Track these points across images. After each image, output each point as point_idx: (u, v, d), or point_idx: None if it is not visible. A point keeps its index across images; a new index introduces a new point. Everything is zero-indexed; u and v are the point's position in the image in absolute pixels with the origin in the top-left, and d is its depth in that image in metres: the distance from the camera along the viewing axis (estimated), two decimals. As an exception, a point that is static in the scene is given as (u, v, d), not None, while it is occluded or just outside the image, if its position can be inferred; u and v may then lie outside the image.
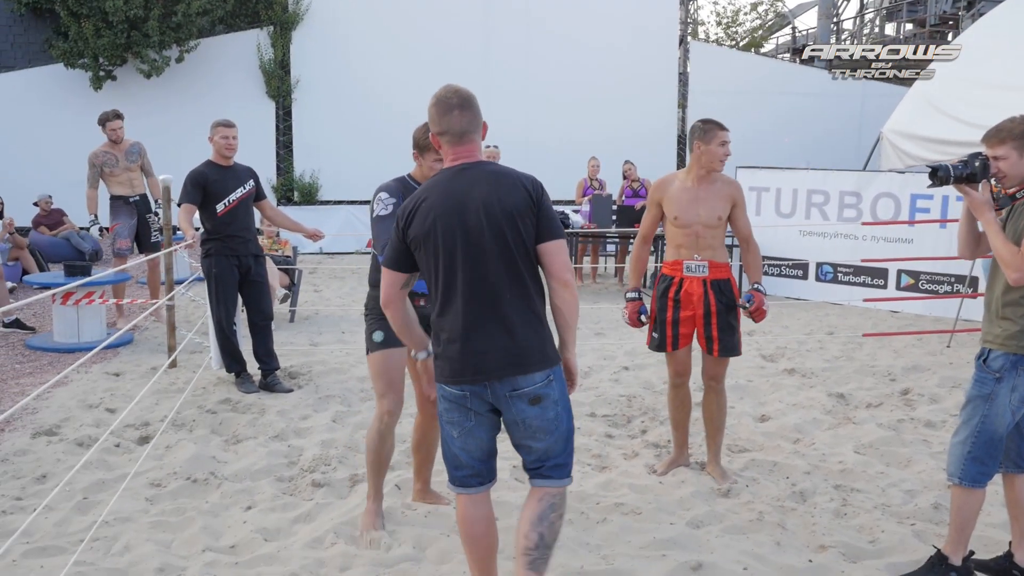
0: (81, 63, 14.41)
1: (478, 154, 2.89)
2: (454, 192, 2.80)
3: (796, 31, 28.17)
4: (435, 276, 2.84)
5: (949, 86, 11.01)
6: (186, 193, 5.90)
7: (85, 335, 7.34)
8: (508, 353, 2.79)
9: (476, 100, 2.91)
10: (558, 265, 2.85)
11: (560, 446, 2.90)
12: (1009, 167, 3.27)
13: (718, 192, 4.37)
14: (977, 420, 3.27)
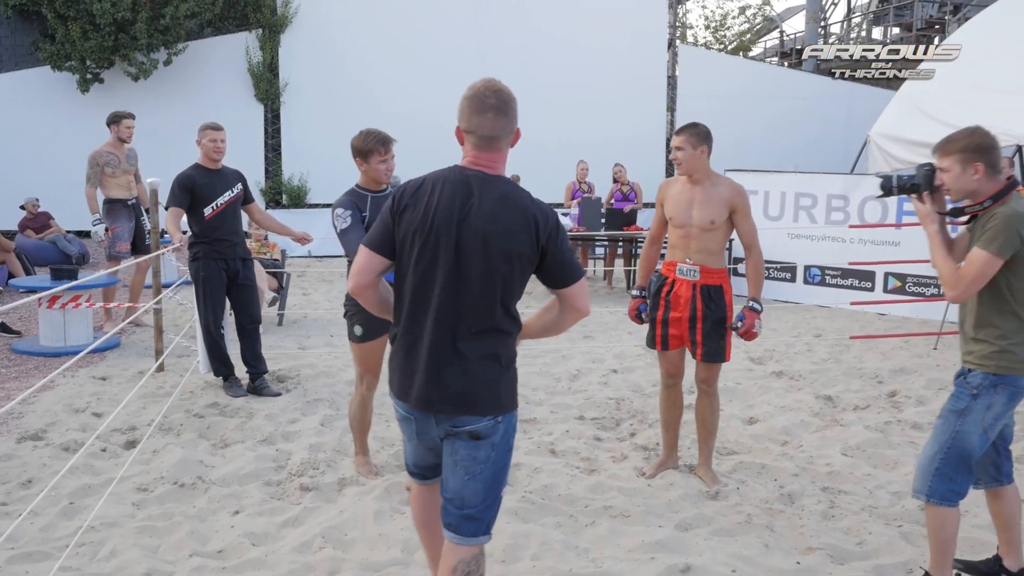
0: (68, 66, 14.34)
1: (500, 165, 2.64)
2: (460, 200, 2.54)
3: (784, 35, 28.31)
4: (408, 277, 2.60)
5: (936, 89, 11.09)
6: (173, 196, 5.88)
7: (71, 339, 7.30)
8: (459, 389, 2.56)
9: (516, 104, 2.66)
10: (582, 304, 2.68)
11: (479, 496, 2.62)
12: (952, 180, 3.19)
13: (715, 196, 4.34)
14: (948, 436, 3.20)
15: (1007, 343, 3.13)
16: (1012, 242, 3.03)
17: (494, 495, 2.67)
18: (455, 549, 2.66)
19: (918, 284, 9.54)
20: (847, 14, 27.23)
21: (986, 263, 3.05)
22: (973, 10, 19.04)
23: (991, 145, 3.16)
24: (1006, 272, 3.09)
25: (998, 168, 3.14)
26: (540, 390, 6.33)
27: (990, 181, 3.14)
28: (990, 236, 3.05)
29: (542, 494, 4.33)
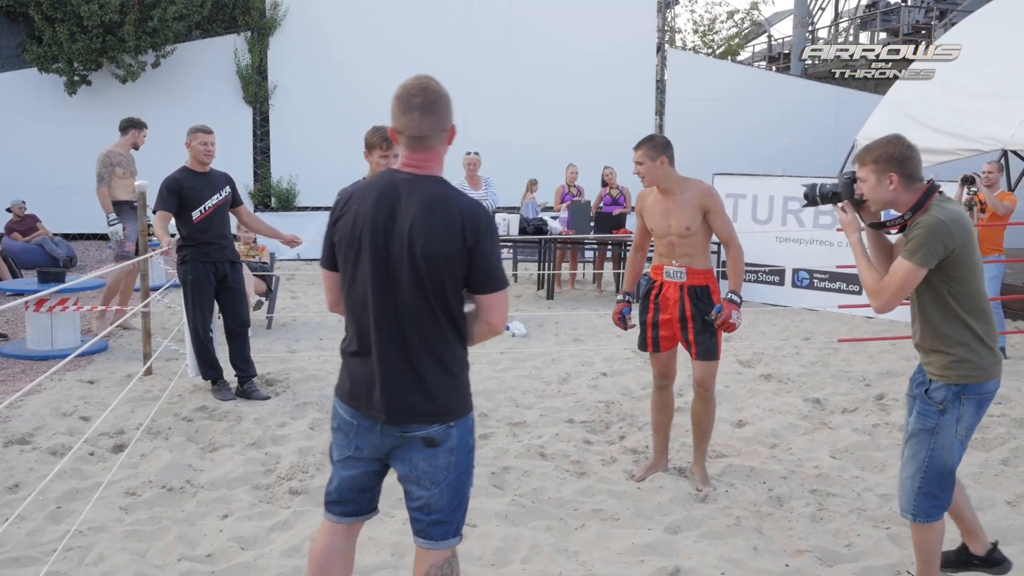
0: (55, 68, 14.26)
1: (433, 164, 2.56)
2: (386, 206, 2.49)
3: (772, 39, 28.43)
4: (349, 285, 2.58)
5: (922, 93, 11.18)
6: (161, 200, 5.85)
7: (59, 342, 7.26)
8: (405, 398, 2.51)
9: (446, 101, 2.57)
10: (495, 318, 2.56)
11: (445, 500, 2.59)
12: (869, 190, 3.13)
13: (687, 202, 4.39)
14: (924, 455, 3.12)
15: (963, 351, 3.06)
16: (935, 251, 2.97)
17: (460, 497, 2.64)
18: (427, 554, 2.64)
19: (905, 287, 9.57)
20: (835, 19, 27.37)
21: (909, 273, 2.99)
22: (959, 15, 19.19)
23: (905, 155, 3.08)
24: (945, 279, 3.03)
25: (915, 177, 3.07)
26: (530, 393, 6.34)
27: (907, 191, 3.07)
28: (913, 246, 2.99)
29: (532, 497, 4.33)
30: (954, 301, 3.05)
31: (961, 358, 3.06)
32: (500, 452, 5.03)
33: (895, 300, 3.05)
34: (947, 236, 2.96)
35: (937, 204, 3.04)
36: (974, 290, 3.06)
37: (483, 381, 6.59)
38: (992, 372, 3.09)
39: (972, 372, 3.06)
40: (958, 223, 3.01)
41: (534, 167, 14.79)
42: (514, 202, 13.33)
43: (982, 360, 3.06)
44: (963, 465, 4.86)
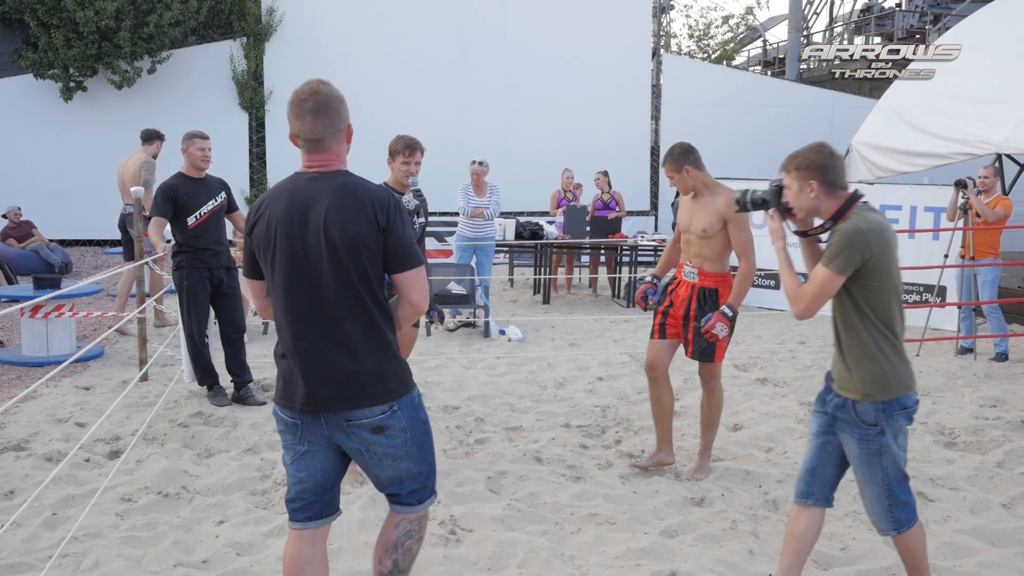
0: (51, 74, 14.27)
1: (335, 161, 2.66)
2: (298, 204, 2.58)
3: (767, 44, 28.51)
4: (274, 289, 2.65)
5: (915, 98, 11.21)
6: (157, 206, 5.86)
7: (54, 348, 7.25)
8: (343, 385, 2.58)
9: (337, 102, 2.68)
10: (415, 295, 2.65)
11: (414, 470, 2.72)
12: (792, 197, 3.13)
13: (710, 206, 4.56)
14: (881, 476, 3.07)
15: (883, 363, 3.02)
16: (852, 259, 2.95)
17: (428, 463, 2.77)
18: (404, 516, 2.80)
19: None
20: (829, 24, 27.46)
21: (826, 281, 2.98)
22: (953, 20, 19.26)
23: (826, 163, 3.05)
24: (861, 288, 3.00)
25: (837, 185, 3.05)
26: (526, 398, 6.34)
27: (829, 199, 3.06)
28: (830, 254, 2.97)
29: (528, 502, 4.33)
30: (871, 311, 3.01)
31: (882, 371, 3.02)
32: (496, 457, 5.03)
33: (813, 306, 3.03)
34: (864, 244, 2.94)
35: (858, 212, 3.02)
36: (889, 302, 3.02)
37: (479, 386, 6.60)
38: (910, 384, 3.07)
39: (894, 384, 3.02)
40: (876, 231, 2.98)
41: (530, 173, 14.84)
42: (509, 207, 13.35)
43: (900, 372, 3.04)
44: (958, 468, 4.91)
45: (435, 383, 6.64)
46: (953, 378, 7.04)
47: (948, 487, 4.62)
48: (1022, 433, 5.51)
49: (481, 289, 8.92)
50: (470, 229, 9.05)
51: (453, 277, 8.81)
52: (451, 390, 6.46)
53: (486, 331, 8.74)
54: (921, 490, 4.53)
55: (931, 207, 9.41)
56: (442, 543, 3.85)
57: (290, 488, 2.76)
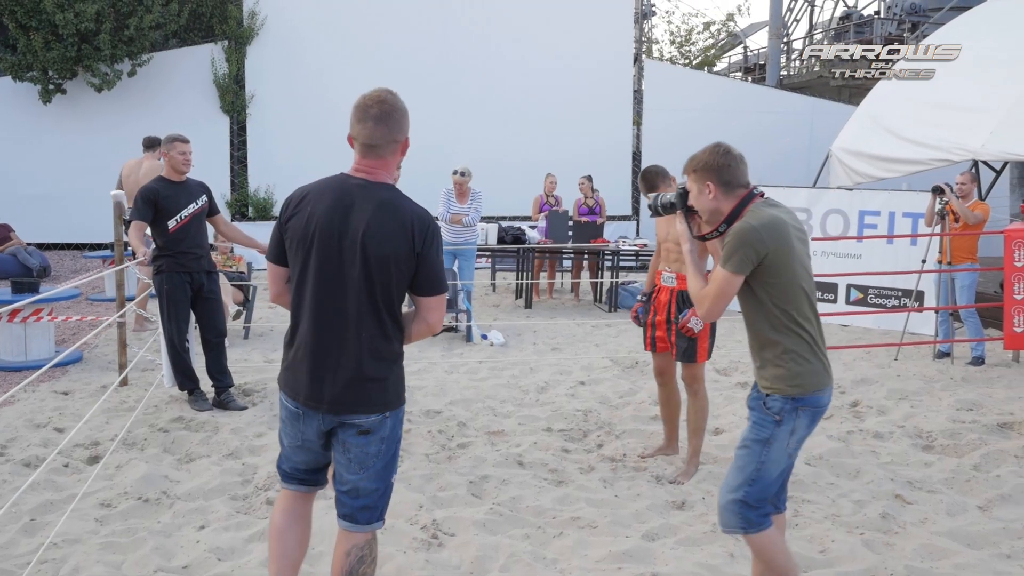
0: (30, 76, 14.14)
1: (383, 172, 2.75)
2: (341, 207, 2.67)
3: (748, 50, 28.71)
4: (298, 282, 2.75)
5: (893, 104, 11.33)
6: (137, 210, 5.82)
7: (33, 353, 7.19)
8: (348, 389, 2.70)
9: (400, 114, 2.76)
10: (433, 318, 2.79)
11: (372, 485, 2.79)
12: (694, 200, 3.11)
13: None
14: (753, 467, 3.00)
15: (794, 359, 2.98)
16: (748, 258, 2.91)
17: (386, 484, 2.84)
18: (351, 536, 2.82)
19: (879, 296, 9.70)
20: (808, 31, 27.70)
21: (725, 281, 2.95)
22: (930, 28, 19.47)
23: (721, 163, 3.03)
24: (764, 287, 2.97)
25: (734, 185, 3.03)
26: (508, 402, 6.35)
27: (727, 199, 3.03)
28: (725, 254, 2.95)
29: (510, 506, 4.34)
30: (777, 309, 2.97)
31: (792, 369, 2.97)
32: (478, 461, 5.04)
33: (715, 308, 3.01)
34: (758, 241, 2.90)
35: (753, 210, 3.00)
36: (796, 297, 2.98)
37: (461, 390, 6.60)
38: (824, 381, 3.01)
39: (806, 381, 2.98)
40: (771, 227, 2.94)
41: (513, 178, 14.86)
42: (491, 211, 13.36)
43: (814, 369, 2.99)
44: (935, 470, 4.94)
45: (417, 387, 6.63)
46: (931, 382, 7.11)
47: (925, 490, 4.67)
48: (998, 436, 5.58)
49: (463, 294, 8.93)
50: (451, 235, 9.06)
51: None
52: (433, 394, 6.46)
53: (468, 335, 8.74)
54: (899, 493, 4.58)
55: (909, 213, 9.51)
56: (424, 547, 3.85)
57: (284, 460, 2.94)
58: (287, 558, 2.94)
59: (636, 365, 7.60)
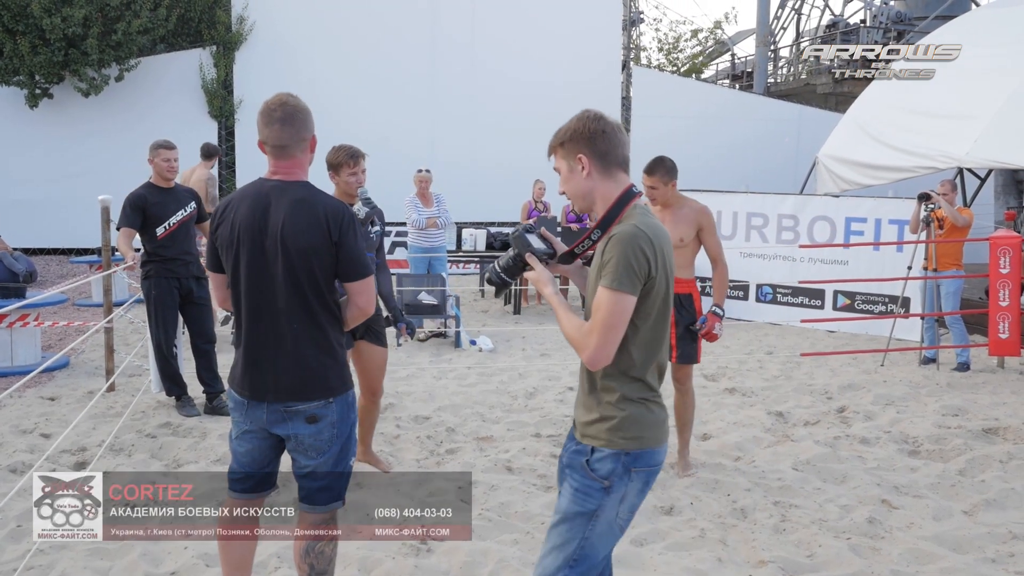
0: (16, 80, 14.06)
1: (298, 171, 2.89)
2: (260, 209, 2.82)
3: (735, 58, 28.85)
4: (232, 284, 2.90)
5: (879, 112, 11.43)
6: (125, 217, 5.80)
7: (19, 358, 7.15)
8: (287, 379, 2.83)
9: (304, 114, 2.91)
10: (362, 301, 2.91)
11: (329, 468, 2.92)
12: (563, 184, 2.51)
13: (684, 217, 4.85)
14: (576, 546, 2.41)
15: (630, 405, 2.40)
16: (641, 271, 2.31)
17: (343, 467, 2.95)
18: (309, 516, 2.97)
19: (866, 302, 9.76)
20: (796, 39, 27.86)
21: (613, 305, 2.30)
22: (915, 37, 19.62)
23: (595, 130, 2.42)
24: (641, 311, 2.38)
25: (612, 160, 2.43)
26: (497, 408, 6.35)
27: (605, 181, 2.43)
28: (611, 270, 2.30)
29: (499, 511, 4.35)
30: (634, 348, 2.39)
31: (632, 417, 2.40)
32: (467, 466, 5.04)
33: (607, 342, 2.31)
34: (648, 250, 2.32)
35: (639, 213, 2.41)
36: (656, 335, 2.43)
37: (450, 396, 6.60)
38: (664, 436, 2.48)
39: (642, 433, 2.41)
40: (660, 241, 2.39)
41: (501, 184, 14.87)
42: (479, 217, 13.37)
43: (656, 419, 2.44)
44: (921, 476, 4.98)
45: (406, 393, 6.63)
46: (917, 387, 7.16)
47: (912, 495, 4.70)
48: (983, 442, 5.62)
49: (452, 299, 8.93)
50: (424, 240, 9.01)
51: (424, 288, 8.81)
52: (422, 400, 6.46)
53: (457, 341, 8.74)
54: (886, 498, 4.61)
55: (895, 219, 9.58)
56: (413, 553, 3.85)
57: (232, 461, 3.03)
58: (231, 565, 3.08)
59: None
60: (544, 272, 2.55)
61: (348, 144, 4.57)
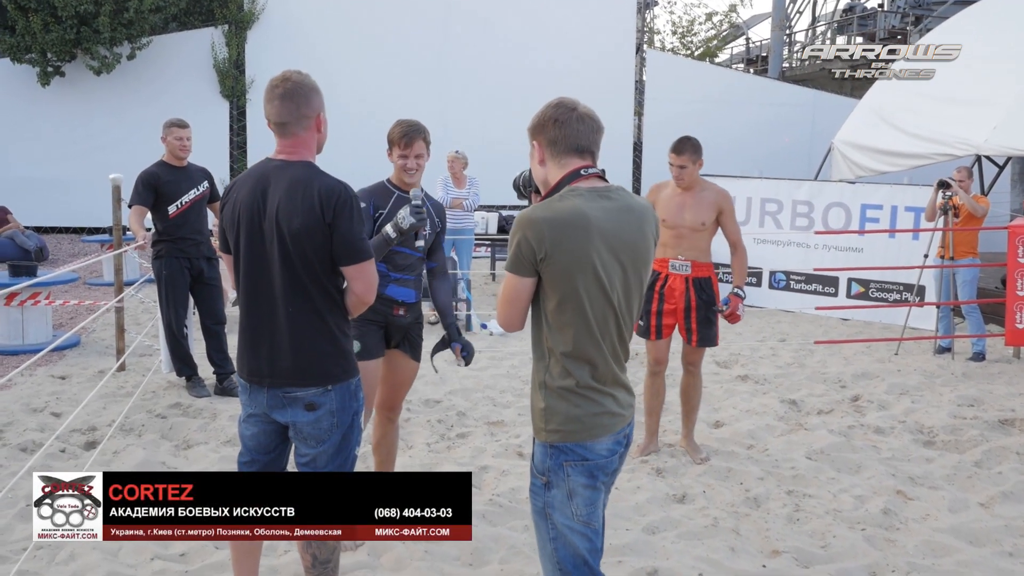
0: (28, 58, 14.05)
1: (303, 150, 2.80)
2: (259, 189, 2.74)
3: (750, 42, 28.61)
4: (235, 266, 2.84)
5: (896, 98, 11.28)
6: (137, 194, 5.77)
7: (30, 337, 7.15)
8: (282, 363, 2.75)
9: (307, 90, 2.79)
10: (358, 287, 2.76)
11: (329, 457, 2.82)
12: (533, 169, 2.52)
13: (704, 200, 4.78)
14: (550, 548, 2.35)
15: (550, 395, 2.32)
16: (523, 256, 2.26)
17: (345, 455, 2.87)
18: None
19: (881, 290, 9.68)
20: (811, 23, 27.60)
21: (506, 284, 2.34)
22: (934, 21, 19.40)
23: (549, 117, 2.39)
24: (543, 299, 2.33)
25: (564, 148, 2.37)
26: (507, 392, 6.32)
27: (556, 167, 2.39)
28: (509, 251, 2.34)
29: (509, 497, 4.32)
30: (550, 332, 2.32)
31: (553, 408, 2.31)
32: (478, 451, 5.01)
33: (506, 313, 2.35)
34: (534, 237, 2.24)
35: (560, 195, 2.32)
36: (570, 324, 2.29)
37: (460, 380, 6.57)
38: (602, 430, 2.32)
39: (566, 427, 2.30)
40: (560, 222, 2.25)
41: (512, 166, 14.77)
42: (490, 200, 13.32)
43: (582, 413, 2.31)
44: (937, 467, 4.92)
45: (416, 376, 6.59)
46: (931, 377, 7.09)
47: (927, 486, 4.65)
48: (999, 433, 5.56)
49: (463, 282, 8.89)
50: (449, 220, 8.98)
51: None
52: (432, 384, 6.43)
53: (468, 325, 8.70)
54: (901, 488, 4.56)
55: (912, 207, 9.47)
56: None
57: (241, 445, 2.98)
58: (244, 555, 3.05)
59: (636, 356, 7.58)
60: None
61: (411, 120, 3.79)
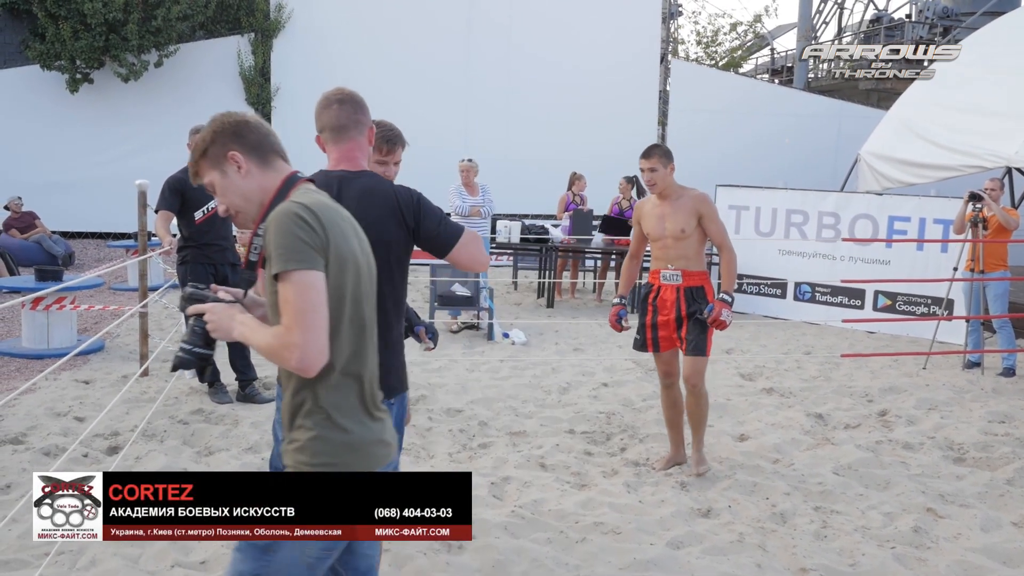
0: (58, 65, 14.22)
1: (359, 155, 2.80)
2: None
3: (775, 52, 28.47)
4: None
5: (925, 110, 11.17)
6: (164, 200, 5.80)
7: (55, 341, 7.19)
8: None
9: (361, 101, 2.83)
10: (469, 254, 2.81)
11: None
12: (222, 198, 2.14)
13: (682, 207, 4.72)
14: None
15: (325, 420, 2.01)
16: (313, 242, 1.94)
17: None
18: None
19: (908, 303, 9.55)
20: (837, 34, 27.43)
21: (299, 283, 1.91)
22: (963, 33, 19.22)
23: (237, 121, 2.11)
24: None
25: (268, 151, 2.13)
26: (530, 402, 6.27)
27: (267, 172, 2.11)
28: (278, 253, 1.92)
29: (532, 509, 4.27)
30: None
31: (320, 434, 2.02)
32: (500, 462, 4.97)
33: (311, 327, 1.90)
34: (314, 222, 1.96)
35: (305, 192, 2.09)
36: (348, 329, 2.03)
37: (483, 389, 6.53)
38: (372, 461, 2.06)
39: (330, 449, 2.02)
40: (326, 213, 2.01)
41: (535, 175, 14.79)
42: (514, 209, 13.30)
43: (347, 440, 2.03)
44: (968, 484, 4.82)
45: (438, 385, 6.57)
46: (961, 392, 6.97)
47: (958, 504, 4.55)
48: (1032, 450, 5.45)
49: (485, 291, 8.86)
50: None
51: (457, 279, 8.75)
52: (454, 392, 6.40)
53: (490, 334, 8.67)
54: (931, 506, 4.47)
55: (940, 219, 9.33)
56: (444, 550, 3.78)
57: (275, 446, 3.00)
58: None
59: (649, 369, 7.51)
60: (220, 306, 2.07)
61: (389, 124, 3.52)
